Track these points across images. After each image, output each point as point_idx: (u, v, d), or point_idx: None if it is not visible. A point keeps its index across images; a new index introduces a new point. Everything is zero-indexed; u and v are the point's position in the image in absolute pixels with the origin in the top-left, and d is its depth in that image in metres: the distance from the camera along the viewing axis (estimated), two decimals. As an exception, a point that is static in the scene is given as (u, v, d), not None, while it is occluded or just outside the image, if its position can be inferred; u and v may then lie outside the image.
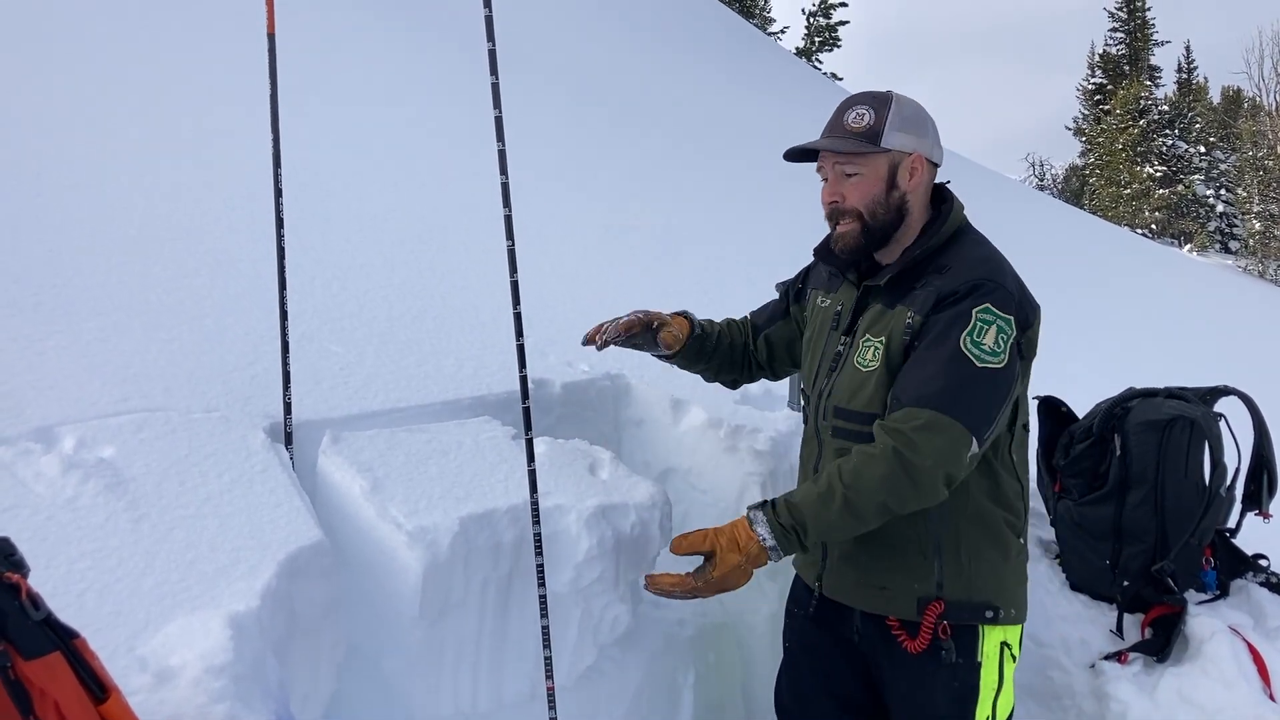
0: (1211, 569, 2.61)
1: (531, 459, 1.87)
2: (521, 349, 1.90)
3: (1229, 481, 2.59)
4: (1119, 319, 9.27)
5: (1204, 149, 35.20)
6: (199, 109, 4.04)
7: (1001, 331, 1.73)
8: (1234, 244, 32.08)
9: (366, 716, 1.85)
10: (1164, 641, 2.43)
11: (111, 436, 1.90)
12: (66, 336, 2.23)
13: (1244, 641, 2.37)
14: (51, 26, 4.29)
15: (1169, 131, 35.58)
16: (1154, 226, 32.37)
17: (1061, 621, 2.59)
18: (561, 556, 1.95)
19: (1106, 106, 36.84)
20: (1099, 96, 38.31)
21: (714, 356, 2.21)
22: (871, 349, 1.84)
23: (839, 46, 25.27)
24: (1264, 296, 17.18)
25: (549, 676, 1.86)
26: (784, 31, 25.60)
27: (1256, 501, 2.59)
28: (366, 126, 4.80)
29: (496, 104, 1.84)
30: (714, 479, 2.62)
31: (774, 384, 3.02)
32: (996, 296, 1.75)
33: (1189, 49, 39.91)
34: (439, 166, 4.69)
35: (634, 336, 2.11)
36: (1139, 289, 11.54)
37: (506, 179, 1.85)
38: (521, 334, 1.90)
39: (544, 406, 2.64)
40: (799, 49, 24.42)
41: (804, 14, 25.27)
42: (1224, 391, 2.64)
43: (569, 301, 3.52)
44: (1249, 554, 2.69)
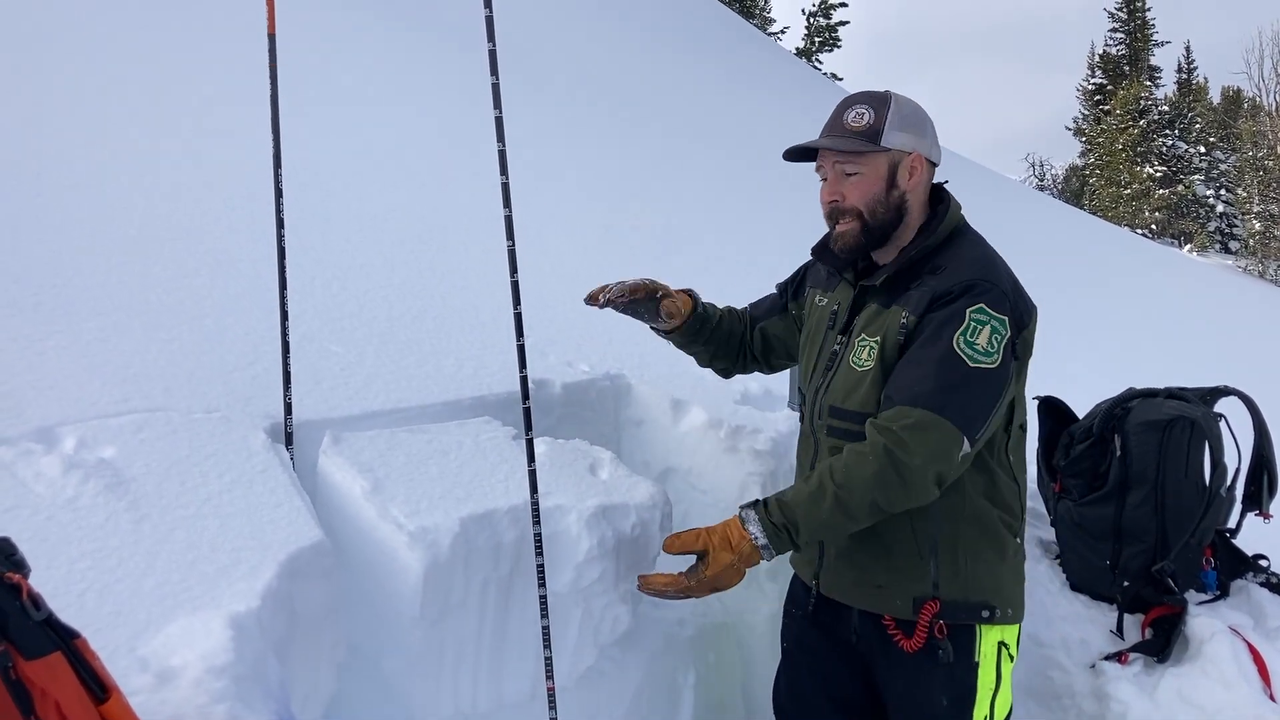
0: (1212, 569, 2.61)
1: (532, 459, 1.87)
2: (522, 349, 1.90)
3: (1229, 482, 2.59)
4: (1119, 319, 9.28)
5: (1204, 149, 35.23)
6: (199, 109, 4.04)
7: (995, 332, 1.73)
8: (1234, 244, 32.10)
9: (367, 716, 1.84)
10: (1164, 642, 2.43)
11: (112, 437, 1.89)
12: (67, 336, 2.23)
13: (1244, 642, 2.37)
14: (51, 26, 4.29)
15: (1169, 132, 35.61)
16: (1154, 227, 32.39)
17: (1062, 622, 2.59)
18: (562, 557, 1.95)
19: (1106, 107, 36.87)
20: (1099, 97, 38.34)
21: (712, 340, 2.21)
22: (867, 349, 1.84)
23: (839, 47, 25.30)
24: (1264, 296, 17.19)
25: (549, 677, 1.86)
26: (784, 32, 25.65)
27: (1257, 502, 2.59)
28: (366, 126, 4.80)
29: (497, 104, 1.84)
30: (714, 479, 2.62)
31: (774, 384, 3.03)
32: (990, 297, 1.75)
33: (1189, 49, 39.98)
34: (439, 167, 4.69)
35: (636, 302, 2.10)
36: (1139, 289, 11.56)
37: (507, 179, 1.85)
38: (522, 334, 1.90)
39: (544, 407, 2.64)
40: (799, 49, 24.43)
41: (804, 14, 25.31)
42: (1224, 392, 2.64)
43: (569, 302, 3.50)
44: (1249, 554, 2.69)
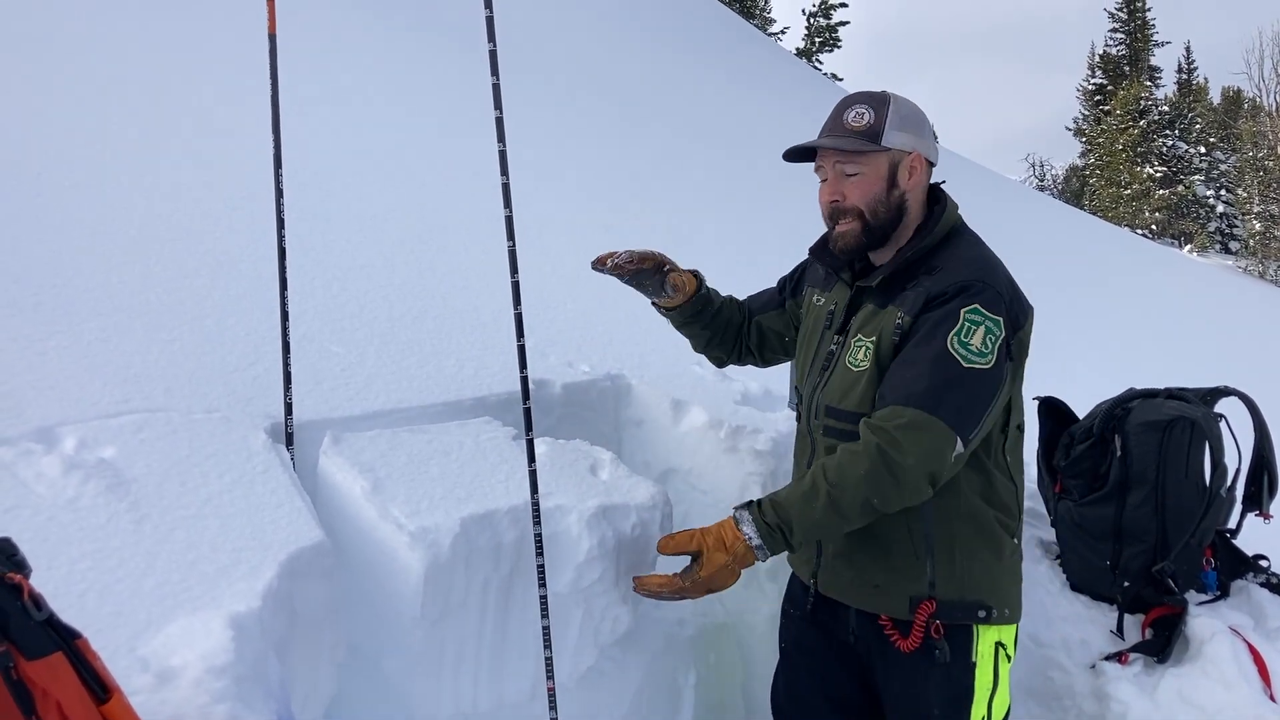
0: (1212, 570, 2.60)
1: (532, 459, 1.88)
2: (522, 350, 1.90)
3: (1229, 482, 2.59)
4: (1119, 319, 9.28)
5: (1204, 149, 35.23)
6: (199, 109, 4.04)
7: (990, 333, 1.73)
8: (1234, 244, 32.12)
9: (367, 717, 1.84)
10: (1164, 642, 2.43)
11: (112, 437, 1.90)
12: (67, 337, 2.23)
13: (1244, 642, 2.37)
14: (52, 26, 4.29)
15: (1169, 132, 35.62)
16: (1154, 227, 32.40)
17: (1062, 622, 2.59)
18: (562, 557, 1.95)
19: (1107, 107, 36.89)
20: (1099, 97, 38.35)
21: (711, 324, 2.21)
22: (863, 349, 1.84)
23: (839, 47, 25.29)
24: (1264, 297, 17.19)
25: (550, 677, 1.86)
26: (784, 32, 25.63)
27: (1257, 502, 2.59)
28: (366, 126, 4.80)
29: (497, 105, 1.84)
30: (714, 479, 2.62)
31: (774, 385, 3.03)
32: (985, 297, 1.75)
33: (1189, 49, 40.00)
34: (439, 167, 4.69)
35: (642, 273, 2.09)
36: (1139, 289, 11.56)
37: (507, 179, 1.85)
38: (522, 335, 1.90)
39: (545, 407, 2.64)
40: (799, 49, 24.44)
41: (804, 14, 25.31)
42: (1224, 392, 2.64)
43: (570, 302, 3.52)
44: (1249, 555, 2.69)
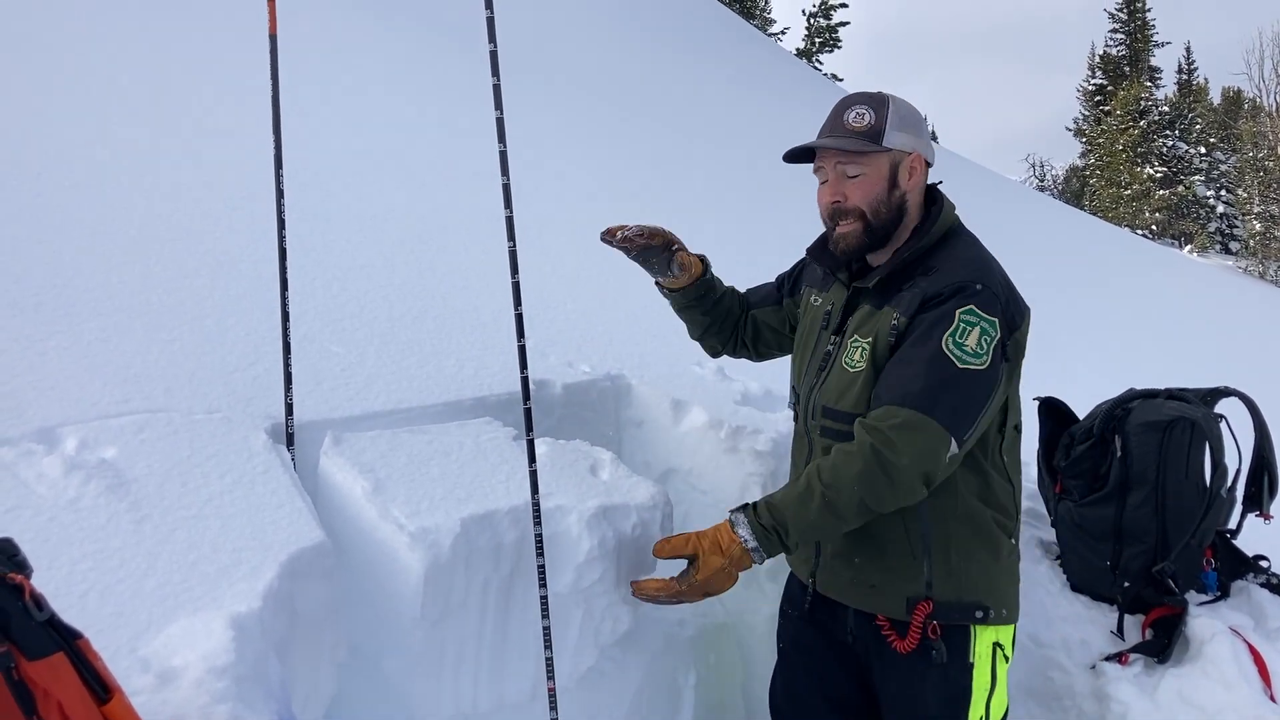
0: (1212, 570, 2.60)
1: (533, 460, 1.88)
2: (523, 350, 1.90)
3: (1230, 483, 2.59)
4: (1119, 319, 9.28)
5: (1204, 150, 35.24)
6: (199, 109, 4.04)
7: (985, 334, 1.73)
8: (1234, 245, 32.12)
9: (368, 717, 1.84)
10: (1165, 642, 2.43)
11: (113, 437, 1.90)
12: (67, 337, 2.23)
13: (1245, 643, 2.37)
14: (52, 26, 4.29)
15: (1169, 132, 35.63)
16: (1154, 227, 32.40)
17: (1062, 622, 2.59)
18: (562, 557, 1.95)
19: (1107, 107, 36.90)
20: (1099, 97, 38.36)
21: (712, 311, 2.21)
22: (859, 350, 1.84)
23: (839, 47, 25.30)
24: (1264, 297, 17.19)
25: (550, 677, 1.86)
26: (784, 33, 25.63)
27: (1257, 503, 2.59)
28: (367, 127, 4.80)
29: (498, 105, 1.84)
30: (715, 480, 2.62)
31: (774, 385, 3.03)
32: (981, 298, 1.75)
33: (1189, 50, 40.01)
34: (440, 167, 4.69)
35: (650, 249, 2.08)
36: (1139, 289, 11.56)
37: (508, 180, 1.85)
38: (523, 335, 1.90)
39: (545, 407, 2.64)
40: (799, 50, 24.44)
41: (804, 15, 25.31)
42: (1225, 392, 2.64)
43: (570, 302, 3.52)
44: (1249, 555, 2.69)
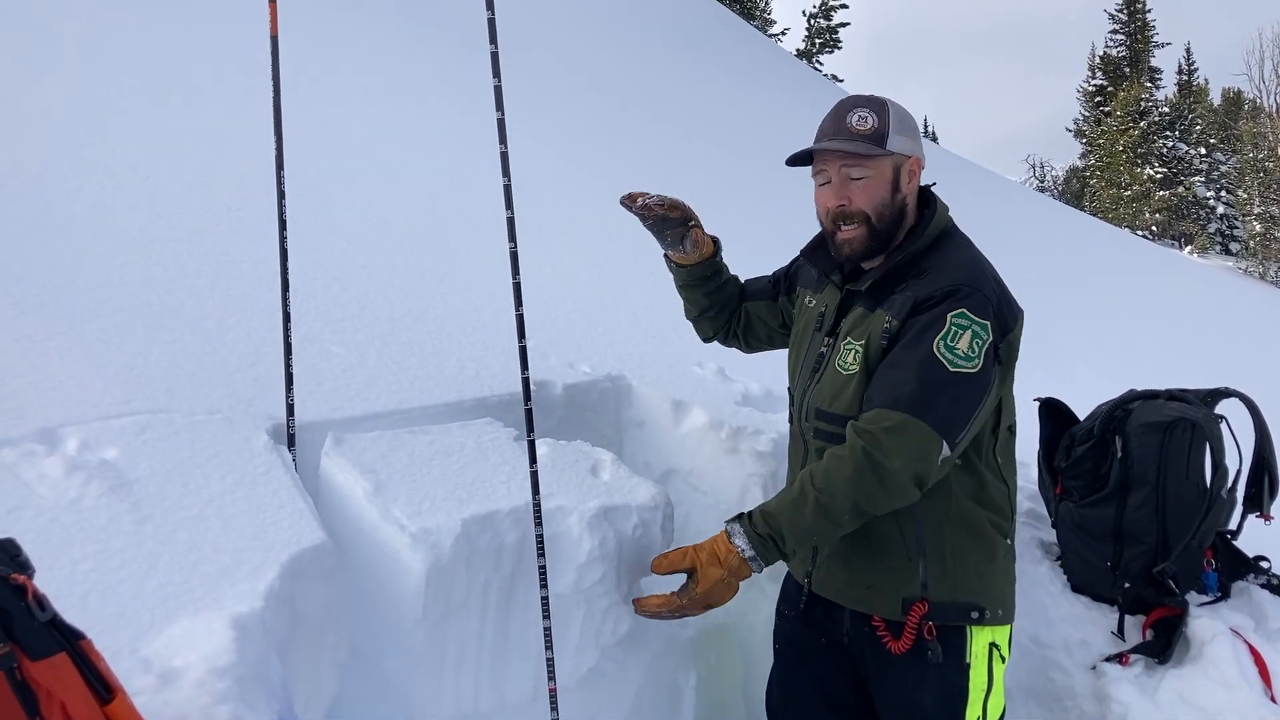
0: (1213, 571, 2.61)
1: (533, 460, 1.88)
2: (524, 351, 1.90)
3: (1230, 483, 2.59)
4: (1119, 320, 9.28)
5: (1204, 151, 35.25)
6: (199, 109, 4.05)
7: (976, 336, 1.73)
8: (1234, 246, 32.13)
9: (369, 717, 1.85)
10: (1165, 643, 2.43)
11: (114, 438, 1.90)
12: (69, 338, 2.23)
13: (1245, 643, 2.37)
14: (52, 26, 4.29)
15: (1169, 133, 35.64)
16: (1154, 228, 32.41)
17: (1062, 623, 2.59)
18: (563, 558, 1.95)
19: (1107, 108, 36.90)
20: (1099, 98, 38.36)
21: (714, 293, 2.22)
22: (852, 352, 1.84)
23: (839, 48, 25.29)
24: (1264, 298, 17.20)
25: (551, 678, 1.86)
26: (784, 33, 25.63)
27: (1257, 504, 2.59)
28: (367, 127, 4.81)
29: (499, 106, 1.84)
30: (715, 480, 2.62)
31: (774, 385, 3.03)
32: (972, 301, 1.75)
33: (1189, 51, 40.05)
34: (441, 168, 4.69)
35: (666, 220, 2.11)
36: (1139, 290, 11.56)
37: (509, 181, 1.85)
38: (524, 336, 1.90)
39: (546, 408, 2.64)
40: (800, 51, 24.44)
41: (804, 15, 25.30)
42: (1225, 393, 2.64)
43: (571, 303, 3.52)
44: (1250, 556, 2.69)
